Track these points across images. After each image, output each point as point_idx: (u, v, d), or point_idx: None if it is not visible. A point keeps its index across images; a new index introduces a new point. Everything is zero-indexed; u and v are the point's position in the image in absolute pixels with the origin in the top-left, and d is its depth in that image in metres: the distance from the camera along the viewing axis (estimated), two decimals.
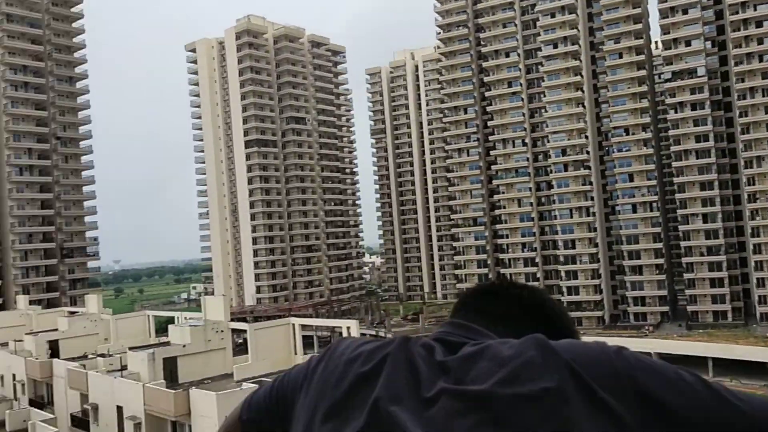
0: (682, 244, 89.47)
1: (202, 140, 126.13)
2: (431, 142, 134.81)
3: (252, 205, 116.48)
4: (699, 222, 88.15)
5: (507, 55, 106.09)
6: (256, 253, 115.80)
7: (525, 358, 0.87)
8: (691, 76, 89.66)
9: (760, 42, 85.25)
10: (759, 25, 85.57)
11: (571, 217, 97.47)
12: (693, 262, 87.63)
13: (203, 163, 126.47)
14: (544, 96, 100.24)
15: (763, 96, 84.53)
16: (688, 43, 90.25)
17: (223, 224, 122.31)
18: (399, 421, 0.86)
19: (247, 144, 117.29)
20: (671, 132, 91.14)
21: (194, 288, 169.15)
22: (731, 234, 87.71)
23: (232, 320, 45.00)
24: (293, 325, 44.27)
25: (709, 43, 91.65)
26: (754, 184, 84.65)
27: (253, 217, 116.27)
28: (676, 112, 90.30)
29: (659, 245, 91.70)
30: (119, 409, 31.57)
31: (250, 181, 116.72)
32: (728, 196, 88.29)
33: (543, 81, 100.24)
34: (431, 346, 0.96)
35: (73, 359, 38.11)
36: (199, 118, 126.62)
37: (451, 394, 0.87)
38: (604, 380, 0.83)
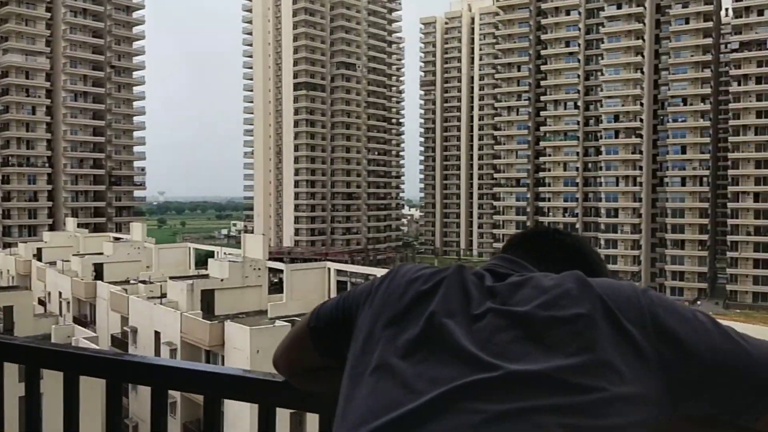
0: (729, 222, 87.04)
1: (251, 79, 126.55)
2: (481, 98, 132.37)
3: (296, 148, 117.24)
4: (750, 201, 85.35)
5: (567, 13, 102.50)
6: (297, 195, 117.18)
7: (564, 288, 1.00)
8: (760, 48, 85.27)
9: None
10: None
11: (617, 185, 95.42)
12: (738, 240, 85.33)
13: (251, 102, 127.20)
14: (602, 58, 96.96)
15: None
16: (760, 12, 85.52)
17: (267, 165, 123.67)
18: (450, 331, 0.99)
19: (296, 86, 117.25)
20: (732, 105, 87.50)
21: (234, 225, 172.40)
22: None
23: (269, 259, 45.98)
24: (329, 269, 45.00)
25: None
26: None
27: (296, 160, 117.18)
28: (739, 84, 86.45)
29: (705, 221, 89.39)
30: (157, 334, 32.94)
31: (296, 123, 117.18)
32: None
33: (602, 42, 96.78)
34: (482, 274, 1.10)
35: (115, 283, 39.63)
36: (251, 56, 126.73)
37: (497, 312, 1.00)
38: (629, 313, 0.95)
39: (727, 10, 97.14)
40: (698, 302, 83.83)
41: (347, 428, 0.98)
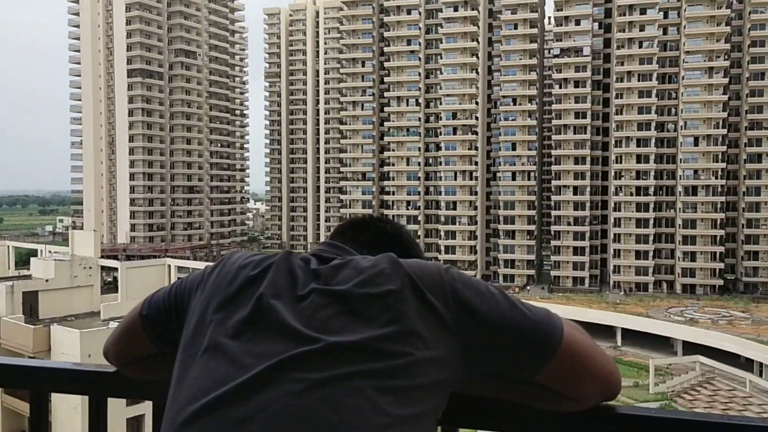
0: (553, 213, 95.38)
1: (79, 63, 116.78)
2: (326, 92, 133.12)
3: (132, 138, 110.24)
4: (569, 194, 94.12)
5: (408, 12, 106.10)
6: (132, 189, 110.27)
7: (378, 268, 1.12)
8: (577, 55, 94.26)
9: (642, 29, 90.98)
10: (643, 11, 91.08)
11: (455, 179, 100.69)
12: (560, 230, 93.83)
13: (79, 88, 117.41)
14: (441, 58, 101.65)
15: (638, 81, 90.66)
16: (578, 22, 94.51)
17: (98, 156, 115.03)
18: (276, 310, 1.08)
19: (130, 73, 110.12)
20: (554, 106, 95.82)
21: (61, 221, 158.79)
22: (596, 207, 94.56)
23: (102, 257, 42.94)
24: (168, 266, 43.01)
25: (597, 25, 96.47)
26: (621, 163, 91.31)
27: (132, 151, 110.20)
28: (560, 87, 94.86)
29: (532, 212, 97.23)
30: None
31: (131, 112, 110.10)
32: (597, 172, 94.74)
33: (441, 42, 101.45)
34: (308, 259, 1.19)
35: None
36: (78, 39, 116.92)
37: (319, 291, 1.10)
38: (433, 288, 1.09)
39: (549, 18, 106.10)
40: (527, 288, 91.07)
41: (178, 408, 1.03)
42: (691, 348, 57.67)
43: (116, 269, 41.62)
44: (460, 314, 1.08)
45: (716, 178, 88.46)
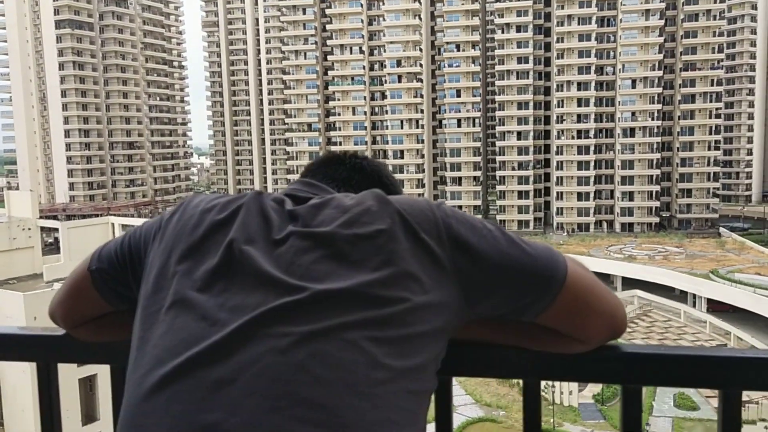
0: (498, 158, 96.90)
1: (3, 15, 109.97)
2: (267, 41, 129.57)
3: (64, 93, 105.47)
4: (513, 139, 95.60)
5: None
6: (69, 147, 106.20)
7: (364, 206, 1.01)
8: None
9: None
10: None
11: (402, 127, 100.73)
12: (505, 175, 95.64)
13: (5, 41, 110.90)
14: (383, 4, 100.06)
15: (578, 24, 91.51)
16: None
17: (30, 113, 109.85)
18: (251, 257, 0.96)
19: (58, 24, 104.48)
20: (497, 52, 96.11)
21: None
22: (540, 151, 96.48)
23: (41, 218, 41.74)
24: (112, 224, 42.13)
25: None
26: (563, 107, 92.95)
27: (65, 106, 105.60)
28: (502, 32, 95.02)
29: (478, 159, 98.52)
30: None
31: (61, 66, 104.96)
32: (540, 116, 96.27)
33: None
34: (282, 199, 1.07)
35: None
36: None
37: (299, 234, 0.98)
38: (425, 225, 0.99)
39: None
40: None
41: (143, 372, 0.92)
42: (629, 283, 60.48)
43: (57, 230, 40.59)
44: (455, 253, 0.99)
45: (652, 119, 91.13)
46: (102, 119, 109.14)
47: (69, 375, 23.83)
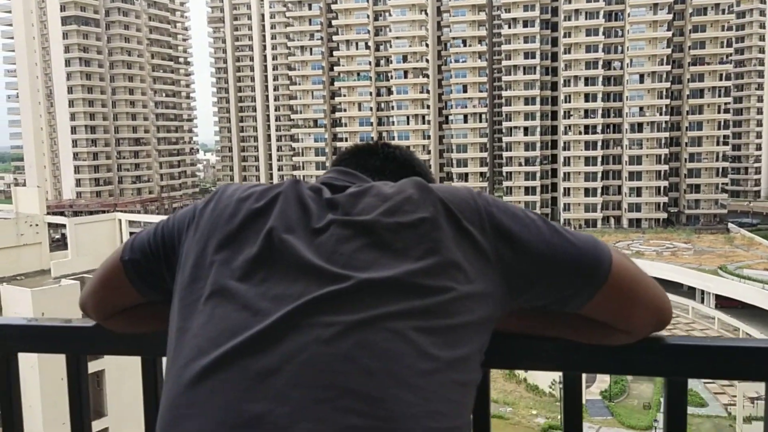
0: (504, 154, 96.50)
1: (9, 12, 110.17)
2: (273, 37, 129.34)
3: (71, 89, 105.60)
4: (520, 134, 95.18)
5: None
6: (75, 143, 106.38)
7: (405, 194, 0.99)
8: None
9: None
10: None
11: (408, 123, 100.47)
12: (512, 171, 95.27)
13: (11, 38, 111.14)
14: None
15: (586, 19, 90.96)
16: None
17: (37, 109, 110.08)
18: (291, 246, 0.95)
19: (65, 20, 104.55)
20: (504, 47, 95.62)
21: (2, 178, 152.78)
22: (547, 147, 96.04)
23: (48, 214, 41.79)
24: (119, 220, 42.15)
25: None
26: (570, 102, 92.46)
27: (71, 103, 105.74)
28: (509, 27, 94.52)
29: (484, 155, 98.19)
30: None
31: (68, 62, 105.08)
32: (547, 112, 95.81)
33: None
34: (318, 188, 1.05)
35: None
36: None
37: (340, 223, 0.97)
38: (467, 214, 0.97)
39: None
40: None
41: (183, 363, 0.91)
42: None
43: (64, 226, 40.62)
44: (498, 243, 0.97)
45: (660, 114, 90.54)
46: (108, 115, 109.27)
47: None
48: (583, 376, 1.14)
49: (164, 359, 1.16)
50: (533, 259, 0.98)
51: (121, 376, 22.89)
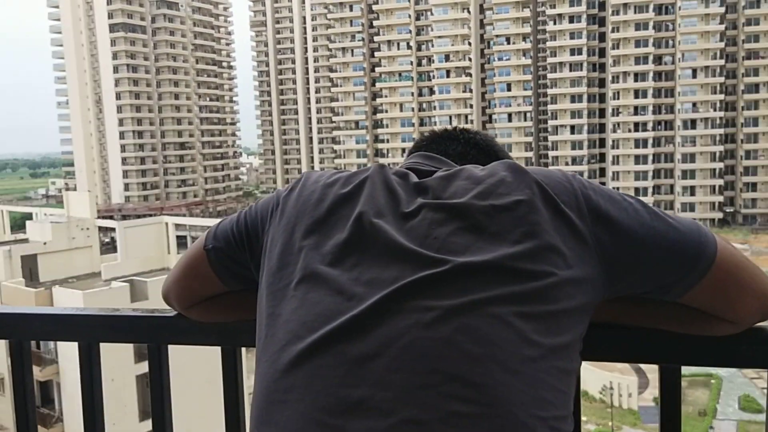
0: (550, 153, 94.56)
1: (59, 20, 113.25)
2: (314, 39, 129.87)
3: (118, 96, 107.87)
4: (567, 133, 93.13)
5: None
6: (123, 148, 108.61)
7: (498, 177, 0.96)
8: None
9: None
10: None
11: (450, 123, 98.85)
12: None
13: (61, 46, 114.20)
14: None
15: (635, 13, 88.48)
16: None
17: (86, 115, 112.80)
18: (383, 230, 0.92)
19: (112, 28, 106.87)
20: (549, 44, 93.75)
21: (53, 183, 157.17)
22: (594, 145, 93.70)
23: (98, 218, 42.30)
24: (166, 223, 42.35)
25: None
26: (618, 99, 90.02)
27: (119, 109, 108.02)
28: (554, 23, 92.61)
29: (530, 154, 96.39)
30: None
31: (115, 69, 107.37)
32: (595, 110, 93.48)
33: None
34: (404, 173, 1.02)
35: None
36: None
37: (432, 206, 0.94)
38: (564, 197, 0.93)
39: None
40: None
41: (277, 348, 0.89)
42: None
43: (113, 229, 41.04)
44: (596, 226, 0.92)
45: (714, 110, 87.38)
46: (155, 120, 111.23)
47: (127, 372, 23.72)
48: (647, 380, 1.11)
49: (243, 350, 1.14)
50: (633, 244, 0.93)
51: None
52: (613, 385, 37.12)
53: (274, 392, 0.87)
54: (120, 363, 21.15)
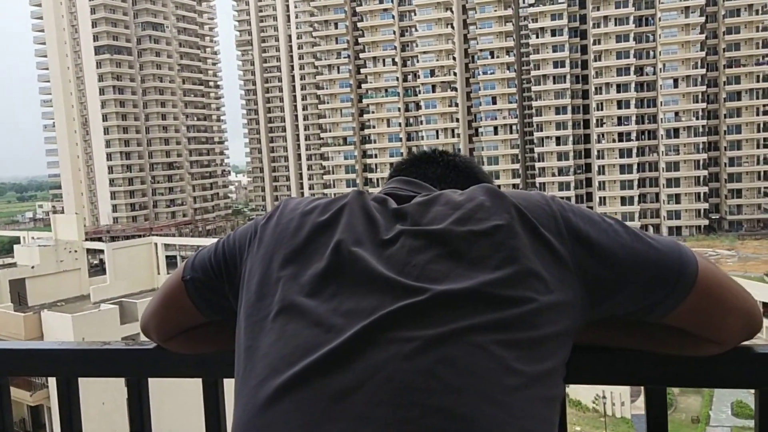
0: (537, 165, 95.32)
1: (44, 43, 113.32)
2: (300, 57, 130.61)
3: (105, 117, 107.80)
4: (552, 144, 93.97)
5: None
6: (111, 169, 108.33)
7: (477, 201, 0.94)
8: (552, 2, 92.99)
9: None
10: None
11: (437, 137, 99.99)
12: (545, 182, 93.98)
13: (46, 69, 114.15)
14: (415, 14, 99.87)
15: (615, 25, 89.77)
16: None
17: (73, 137, 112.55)
18: (361, 258, 0.90)
19: (98, 50, 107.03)
20: (532, 57, 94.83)
21: (41, 206, 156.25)
22: (580, 156, 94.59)
23: (86, 240, 42.22)
24: (155, 244, 42.38)
25: None
26: (602, 110, 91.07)
27: (106, 130, 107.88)
28: (537, 37, 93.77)
29: (516, 166, 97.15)
30: None
31: (102, 90, 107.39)
32: (579, 121, 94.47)
33: None
34: (383, 199, 1.01)
35: None
36: (41, 18, 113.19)
37: (411, 233, 0.92)
38: (543, 220, 0.91)
39: None
40: None
41: (256, 383, 0.86)
42: None
43: (102, 251, 40.97)
44: (576, 249, 0.91)
45: (697, 118, 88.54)
46: (142, 141, 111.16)
47: (118, 395, 23.70)
48: (640, 389, 1.09)
49: (225, 381, 1.09)
50: (615, 266, 0.92)
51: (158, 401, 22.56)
52: (606, 394, 37.33)
53: (252, 428, 0.84)
54: (111, 386, 21.14)
